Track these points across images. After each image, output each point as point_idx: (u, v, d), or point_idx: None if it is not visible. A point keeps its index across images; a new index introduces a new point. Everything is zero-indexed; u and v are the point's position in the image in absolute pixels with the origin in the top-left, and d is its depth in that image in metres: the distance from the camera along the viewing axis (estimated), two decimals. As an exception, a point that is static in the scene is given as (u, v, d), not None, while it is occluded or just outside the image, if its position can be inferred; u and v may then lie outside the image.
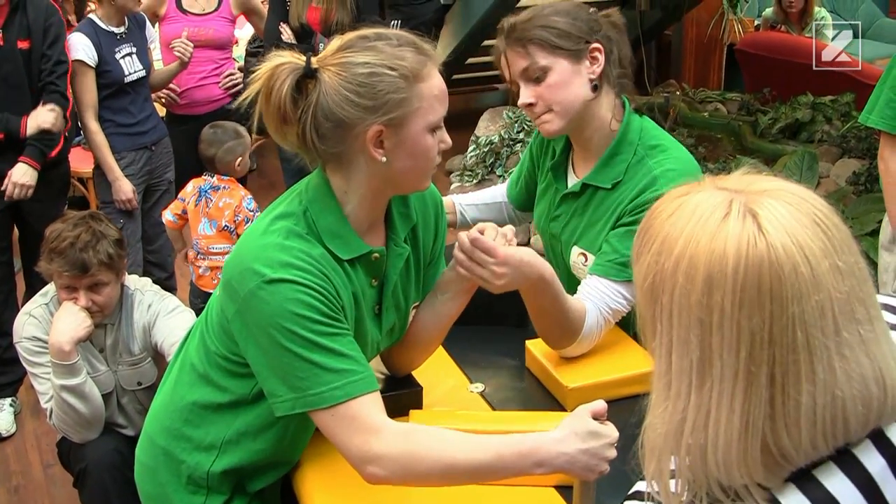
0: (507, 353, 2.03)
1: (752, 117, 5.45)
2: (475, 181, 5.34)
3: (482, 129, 5.65)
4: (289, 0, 4.05)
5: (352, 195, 1.55)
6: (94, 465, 2.47)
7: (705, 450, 0.91)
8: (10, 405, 3.56)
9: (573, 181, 2.06)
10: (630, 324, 1.93)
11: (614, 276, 1.88)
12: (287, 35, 4.03)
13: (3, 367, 3.52)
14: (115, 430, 2.58)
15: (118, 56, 3.68)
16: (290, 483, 1.72)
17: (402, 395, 1.78)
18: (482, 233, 1.65)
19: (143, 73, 3.77)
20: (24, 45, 3.32)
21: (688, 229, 0.92)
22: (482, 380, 1.93)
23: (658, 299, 0.94)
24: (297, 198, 1.56)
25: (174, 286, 4.03)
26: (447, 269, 1.74)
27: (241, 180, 3.65)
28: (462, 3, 5.86)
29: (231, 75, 4.26)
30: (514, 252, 1.65)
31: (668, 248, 0.93)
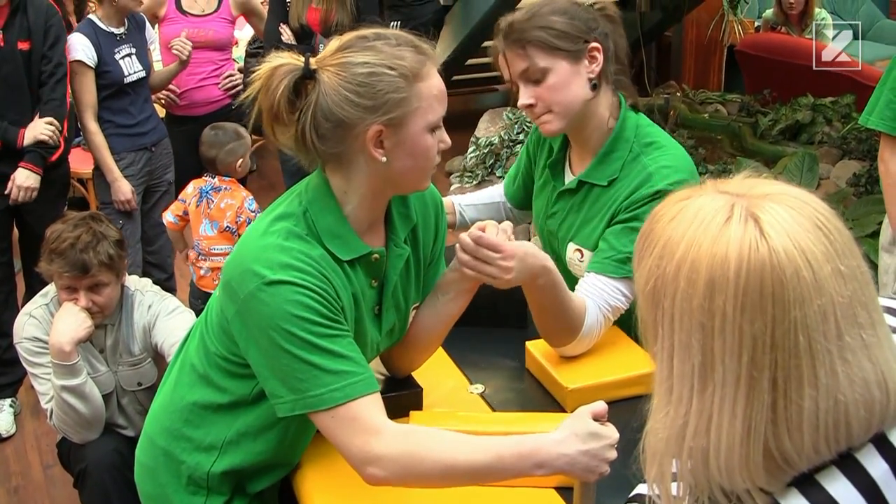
0: (507, 355, 2.03)
1: (752, 119, 5.45)
2: (475, 182, 5.34)
3: (482, 130, 5.65)
4: (289, 1, 4.06)
5: (352, 195, 1.54)
6: (95, 466, 2.47)
7: (707, 454, 0.91)
8: (10, 406, 3.56)
9: (570, 178, 2.07)
10: (632, 327, 1.93)
11: (612, 272, 1.88)
12: (287, 36, 4.03)
13: (3, 367, 3.52)
14: (115, 431, 2.58)
15: (118, 57, 3.68)
16: (289, 484, 1.72)
17: (402, 397, 1.78)
18: (483, 231, 1.65)
19: (142, 73, 3.77)
20: (24, 46, 3.32)
21: (689, 233, 0.91)
22: (482, 381, 1.93)
23: (659, 303, 0.93)
24: (296, 198, 1.56)
25: (174, 287, 4.03)
26: (448, 269, 1.74)
27: (241, 181, 3.65)
28: (462, 3, 5.86)
29: (230, 76, 4.26)
30: (518, 245, 1.66)
31: (670, 251, 0.92)
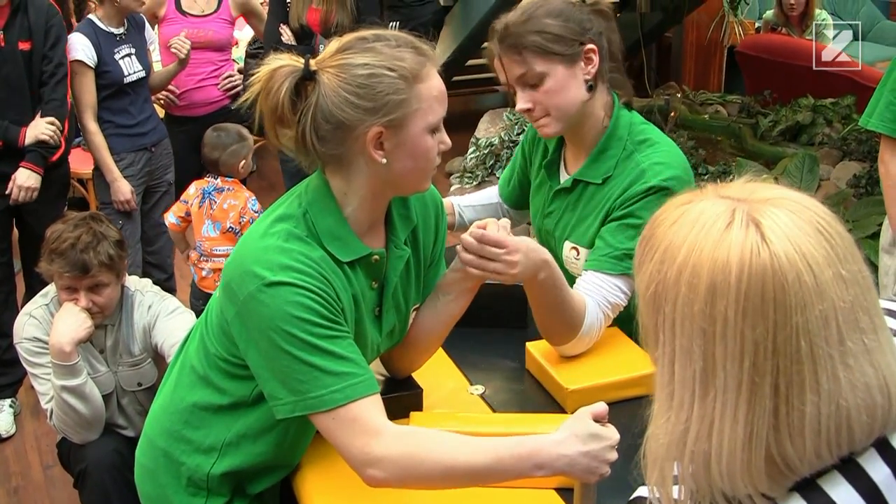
0: (507, 355, 2.02)
1: (752, 120, 5.46)
2: (475, 183, 5.34)
3: (482, 131, 5.65)
4: (289, 1, 4.05)
5: (352, 197, 1.54)
6: (94, 466, 2.47)
7: (709, 459, 0.91)
8: (10, 406, 3.56)
9: (565, 177, 2.08)
10: (633, 332, 1.93)
11: (610, 269, 1.89)
12: (287, 36, 4.03)
13: (2, 367, 3.52)
14: (115, 431, 2.58)
15: (117, 57, 3.68)
16: (289, 485, 1.72)
17: (402, 398, 1.78)
18: (484, 229, 1.65)
19: (142, 73, 3.77)
20: (24, 46, 3.32)
21: (690, 238, 0.91)
22: (482, 382, 1.93)
23: (661, 308, 0.93)
24: (296, 200, 1.56)
25: (174, 287, 4.03)
26: (449, 270, 1.74)
27: (241, 181, 3.65)
28: (462, 4, 5.87)
29: (230, 77, 4.26)
30: (520, 239, 1.67)
31: (671, 256, 0.92)
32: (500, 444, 1.43)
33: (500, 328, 2.11)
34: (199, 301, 3.53)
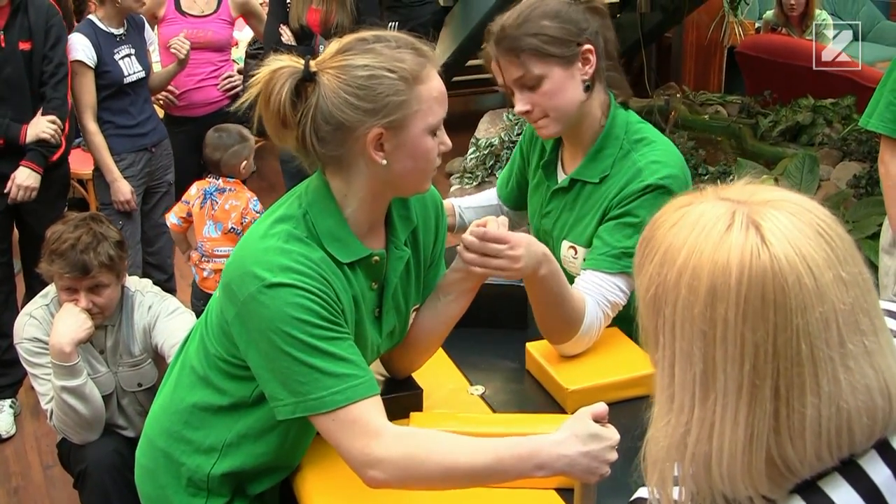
0: (507, 356, 2.02)
1: (752, 120, 5.46)
2: (475, 183, 5.34)
3: (482, 132, 5.65)
4: (289, 2, 4.05)
5: (352, 198, 1.54)
6: (95, 467, 2.47)
7: (709, 462, 0.91)
8: (10, 406, 3.56)
9: (563, 177, 2.08)
10: (633, 332, 1.93)
11: (608, 268, 1.89)
12: (287, 37, 4.03)
13: (3, 368, 3.52)
14: (115, 432, 2.58)
15: (117, 57, 3.68)
16: (290, 486, 1.72)
17: (402, 398, 1.78)
18: (484, 227, 1.66)
19: (142, 74, 3.77)
20: (25, 46, 3.32)
21: (690, 240, 0.91)
22: (482, 382, 1.93)
23: (661, 311, 0.93)
24: (296, 201, 1.56)
25: (174, 288, 4.03)
26: (449, 270, 1.74)
27: (242, 182, 3.65)
28: (462, 5, 5.86)
29: (229, 77, 4.26)
30: (520, 234, 1.68)
31: (671, 259, 0.92)
32: (501, 444, 1.43)
33: (500, 329, 2.11)
34: (200, 301, 3.53)
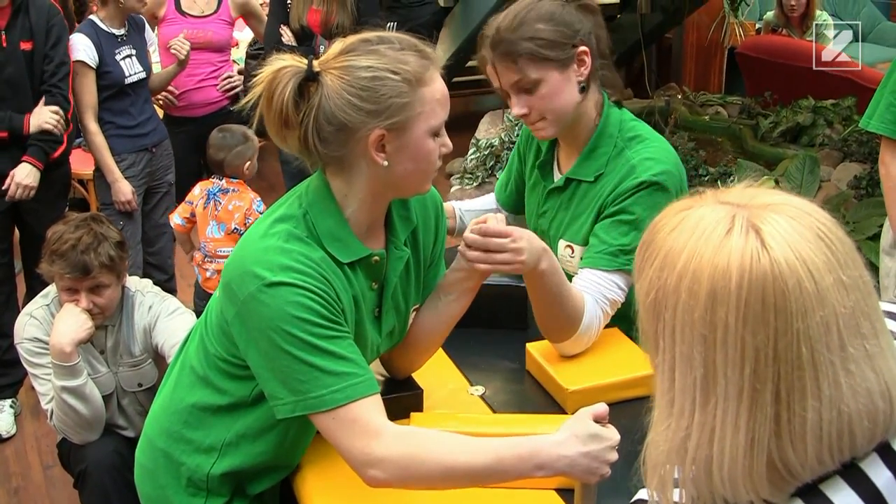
0: (508, 356, 2.03)
1: (752, 121, 5.46)
2: (475, 184, 5.34)
3: (482, 132, 5.65)
4: (289, 2, 4.05)
5: (352, 198, 1.55)
6: (95, 467, 2.47)
7: (710, 466, 0.90)
8: (11, 406, 3.56)
9: (558, 177, 2.09)
10: (633, 334, 1.93)
11: (605, 266, 1.89)
12: (287, 37, 4.03)
13: (3, 368, 3.52)
14: (115, 432, 2.58)
15: (118, 58, 3.68)
16: (290, 486, 1.72)
17: (402, 398, 1.78)
18: (483, 224, 1.66)
19: (143, 74, 3.77)
20: (26, 46, 3.32)
21: (690, 244, 0.91)
22: (482, 382, 1.93)
23: (661, 315, 0.93)
24: (297, 200, 1.56)
25: (174, 288, 4.03)
26: (450, 270, 1.74)
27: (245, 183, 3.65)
28: (462, 5, 5.86)
29: (229, 78, 4.26)
30: (520, 228, 1.69)
31: (671, 263, 0.92)
32: (501, 444, 1.43)
33: (500, 329, 2.11)
34: (202, 301, 3.53)
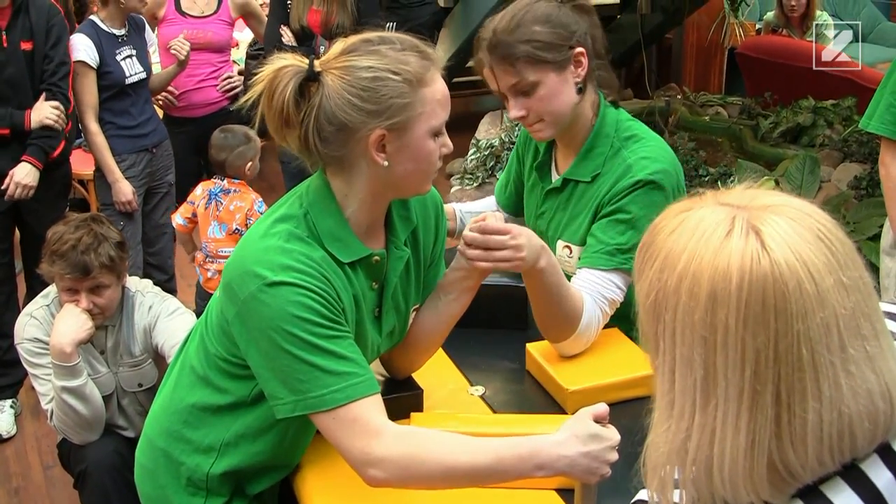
0: (508, 356, 2.03)
1: (753, 121, 5.46)
2: (475, 184, 5.34)
3: (482, 133, 5.65)
4: (289, 3, 4.06)
5: (352, 198, 1.55)
6: (95, 467, 2.47)
7: (710, 467, 0.90)
8: (11, 407, 3.56)
9: (556, 178, 2.09)
10: (633, 334, 1.93)
11: (603, 265, 1.90)
12: (287, 38, 4.03)
13: (3, 368, 3.52)
14: (115, 432, 2.58)
15: (119, 58, 3.68)
16: (289, 486, 1.72)
17: (402, 398, 1.78)
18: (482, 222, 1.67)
19: (143, 75, 3.77)
20: (26, 46, 3.32)
21: (690, 246, 0.91)
22: (482, 383, 1.93)
23: (661, 317, 0.93)
24: (297, 200, 1.56)
25: (174, 288, 4.03)
26: (449, 269, 1.74)
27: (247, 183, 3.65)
28: (462, 6, 5.86)
29: (229, 78, 4.26)
30: (519, 226, 1.69)
31: (671, 264, 0.92)
32: (501, 444, 1.43)
33: (500, 329, 2.11)
34: (203, 302, 3.53)
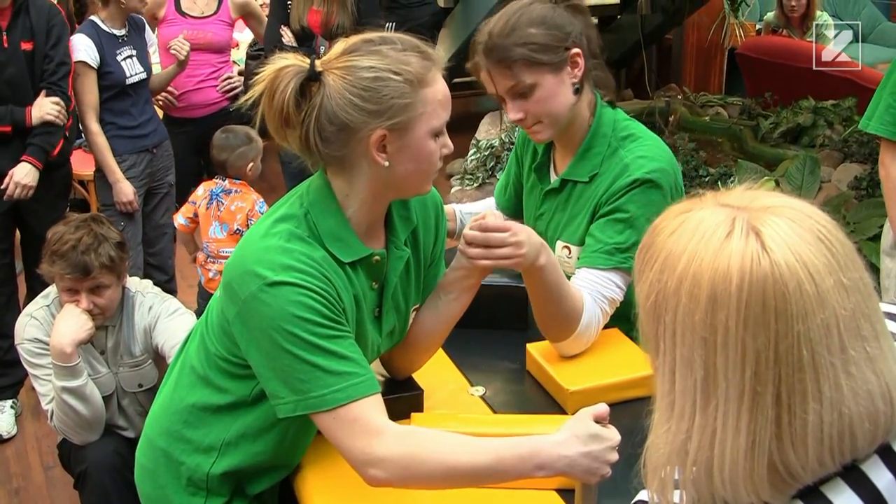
0: (508, 357, 2.02)
1: (753, 122, 5.46)
2: (475, 185, 5.34)
3: (483, 133, 5.65)
4: (289, 3, 4.06)
5: (353, 198, 1.55)
6: (95, 467, 2.47)
7: (711, 468, 0.90)
8: (11, 407, 3.56)
9: (554, 178, 2.09)
10: (633, 334, 1.93)
11: (602, 264, 1.90)
12: (288, 38, 4.03)
13: (4, 368, 3.52)
14: (115, 432, 2.58)
15: (120, 58, 3.68)
16: (289, 486, 1.72)
17: (402, 399, 1.78)
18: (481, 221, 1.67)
19: (143, 75, 3.77)
20: (27, 46, 3.32)
21: (690, 247, 0.91)
22: (483, 383, 1.93)
23: (661, 318, 0.93)
24: (298, 200, 1.56)
25: (174, 289, 4.04)
26: (449, 269, 1.74)
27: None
28: (462, 6, 5.86)
29: (229, 79, 4.27)
30: (519, 224, 1.69)
31: (671, 265, 0.92)
32: (502, 444, 1.43)
33: (500, 329, 2.11)
34: (205, 302, 3.52)
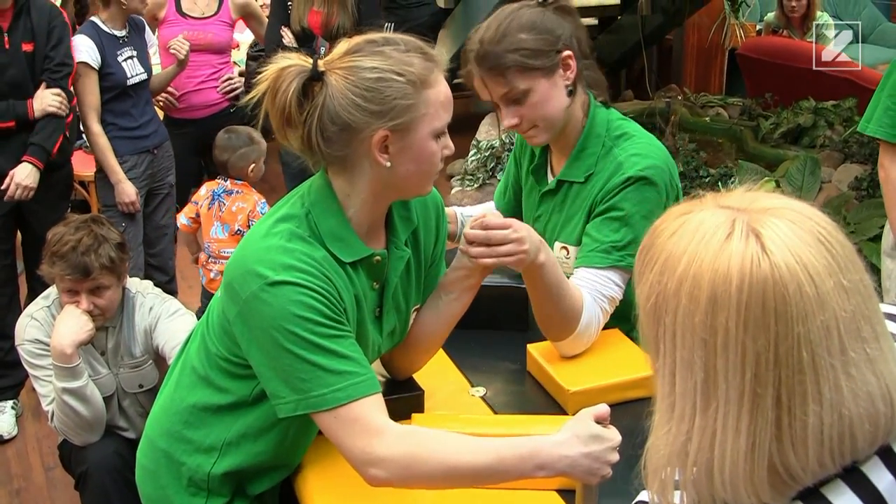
0: (508, 357, 2.03)
1: (753, 122, 5.46)
2: (476, 185, 5.34)
3: (483, 134, 5.65)
4: (290, 4, 4.06)
5: (354, 198, 1.55)
6: (95, 468, 2.47)
7: (711, 470, 0.91)
8: (12, 408, 3.56)
9: (551, 180, 2.10)
10: (633, 334, 1.93)
11: (599, 263, 1.90)
12: (288, 39, 4.03)
13: (4, 369, 3.52)
14: (116, 433, 2.58)
15: (120, 59, 3.68)
16: (290, 486, 1.72)
17: (403, 399, 1.78)
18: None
19: (144, 76, 3.78)
20: (28, 47, 3.32)
21: (690, 249, 0.91)
22: (483, 383, 1.93)
23: (661, 320, 0.93)
24: (299, 200, 1.56)
25: (175, 289, 4.04)
26: (450, 269, 1.74)
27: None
28: (463, 7, 5.86)
29: (229, 79, 4.27)
30: (518, 221, 1.70)
31: (671, 267, 0.92)
32: (502, 444, 1.43)
33: (500, 330, 2.11)
34: (208, 302, 3.53)
